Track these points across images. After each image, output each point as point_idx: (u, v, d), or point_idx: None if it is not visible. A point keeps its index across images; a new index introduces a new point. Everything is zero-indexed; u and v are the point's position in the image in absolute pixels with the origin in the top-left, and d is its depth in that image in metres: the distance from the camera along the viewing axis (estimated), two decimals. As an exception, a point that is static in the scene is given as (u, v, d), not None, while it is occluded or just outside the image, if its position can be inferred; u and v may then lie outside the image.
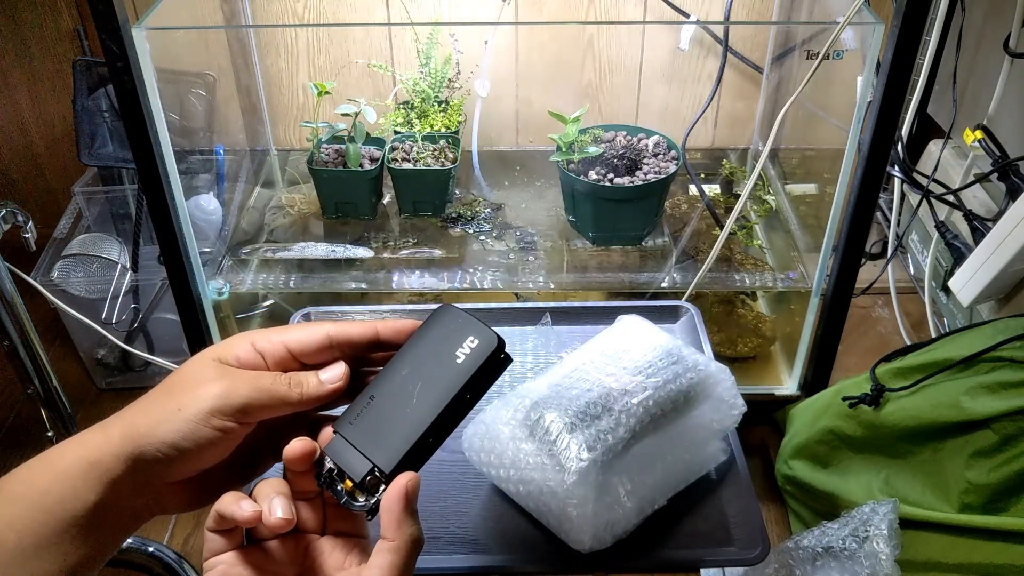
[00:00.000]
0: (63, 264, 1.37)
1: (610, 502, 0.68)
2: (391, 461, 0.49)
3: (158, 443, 0.47)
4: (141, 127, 1.03)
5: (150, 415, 0.48)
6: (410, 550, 0.47)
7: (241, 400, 0.48)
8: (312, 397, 0.50)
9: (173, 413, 0.47)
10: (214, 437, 0.47)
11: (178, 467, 0.47)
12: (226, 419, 0.47)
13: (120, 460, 0.47)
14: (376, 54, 1.46)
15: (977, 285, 1.16)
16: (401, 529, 0.47)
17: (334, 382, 0.50)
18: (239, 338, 0.52)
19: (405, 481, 0.47)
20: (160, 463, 0.47)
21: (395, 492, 0.47)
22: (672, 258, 1.31)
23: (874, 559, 0.98)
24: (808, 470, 1.19)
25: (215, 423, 0.47)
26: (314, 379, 0.50)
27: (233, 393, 0.48)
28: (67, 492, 0.46)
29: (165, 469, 0.47)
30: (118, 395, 1.53)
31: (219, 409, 0.47)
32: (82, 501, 0.46)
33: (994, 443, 0.96)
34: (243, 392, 0.48)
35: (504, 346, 0.51)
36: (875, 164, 1.07)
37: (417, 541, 0.47)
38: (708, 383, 0.75)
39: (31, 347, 1.01)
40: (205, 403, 0.47)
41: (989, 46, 1.30)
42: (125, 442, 0.47)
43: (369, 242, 1.34)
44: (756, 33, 1.46)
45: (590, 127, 1.33)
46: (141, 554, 1.21)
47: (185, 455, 0.47)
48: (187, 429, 0.47)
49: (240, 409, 0.48)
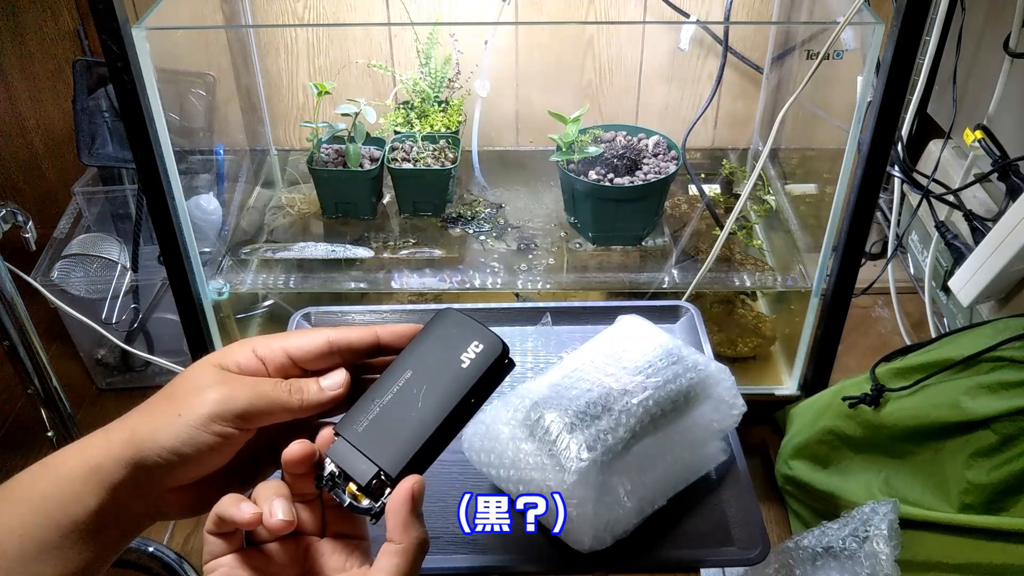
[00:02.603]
0: (63, 264, 1.37)
1: (610, 502, 0.68)
2: (397, 464, 0.48)
3: (159, 448, 0.47)
4: (141, 127, 1.03)
5: (151, 420, 0.48)
6: (416, 553, 0.47)
7: (241, 406, 0.48)
8: (312, 404, 0.50)
9: (173, 418, 0.47)
10: (214, 443, 0.47)
11: (178, 472, 0.48)
12: (226, 425, 0.47)
13: (121, 465, 0.47)
14: (376, 54, 1.46)
15: (977, 285, 1.16)
16: (408, 532, 0.47)
17: (334, 389, 0.50)
18: (240, 344, 0.52)
19: (411, 484, 0.47)
20: (160, 468, 0.47)
21: (401, 495, 0.47)
22: (672, 258, 1.31)
23: (874, 559, 0.98)
24: (808, 470, 1.19)
25: (215, 429, 0.47)
26: (315, 386, 0.50)
27: (233, 399, 0.48)
28: (68, 497, 0.46)
29: (165, 474, 0.47)
30: (118, 395, 1.53)
31: (219, 415, 0.47)
32: (83, 506, 0.46)
33: (994, 443, 0.96)
34: (243, 398, 0.48)
35: (508, 351, 0.51)
36: (875, 164, 1.07)
37: (423, 543, 0.47)
38: (708, 383, 0.75)
39: (31, 347, 1.01)
40: (205, 408, 0.47)
41: (989, 46, 1.30)
42: (126, 447, 0.47)
43: (369, 242, 1.34)
44: (756, 33, 1.46)
45: (590, 127, 1.33)
46: (141, 554, 1.21)
47: (185, 460, 0.47)
48: (187, 434, 0.47)
49: (240, 415, 0.48)
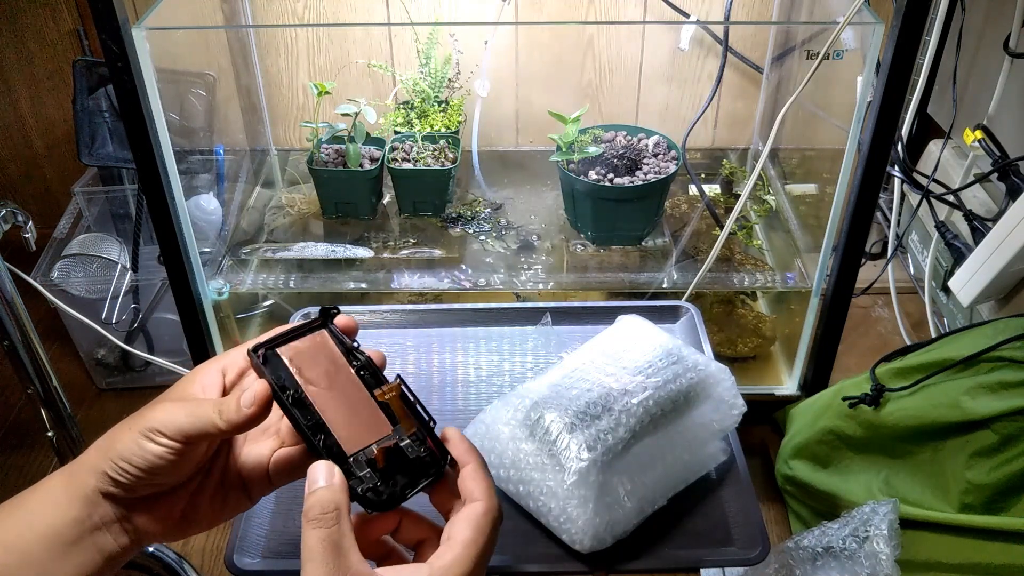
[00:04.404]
0: (63, 264, 1.37)
1: (610, 502, 0.68)
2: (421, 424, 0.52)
3: (116, 456, 0.49)
4: (141, 127, 1.03)
5: (116, 430, 0.50)
6: (489, 481, 0.50)
7: (177, 424, 0.49)
8: (233, 423, 0.49)
9: (128, 430, 0.49)
10: (161, 453, 0.48)
11: (136, 483, 0.49)
12: (169, 439, 0.48)
13: (92, 474, 0.49)
14: (376, 54, 1.46)
15: (977, 285, 1.16)
16: (474, 452, 0.51)
17: (248, 406, 0.50)
18: (224, 357, 0.55)
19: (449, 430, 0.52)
20: (120, 475, 0.49)
21: (451, 430, 0.52)
22: (672, 258, 1.31)
23: (874, 559, 0.98)
24: (808, 470, 1.19)
25: (161, 442, 0.48)
26: (234, 404, 0.50)
27: (175, 415, 0.49)
28: (48, 507, 0.48)
29: (125, 484, 0.49)
30: (118, 395, 1.53)
31: (158, 430, 0.48)
32: (61, 516, 0.48)
33: (994, 443, 0.96)
34: (182, 415, 0.49)
35: (330, 309, 0.55)
36: (875, 164, 1.07)
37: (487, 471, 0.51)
38: (708, 383, 0.75)
39: (31, 347, 1.01)
40: (150, 423, 0.49)
41: (989, 46, 1.30)
42: (96, 456, 0.49)
43: (369, 242, 1.34)
44: (756, 33, 1.46)
45: (590, 127, 1.33)
46: (141, 554, 1.21)
47: (139, 470, 0.48)
48: (135, 446, 0.48)
49: (179, 431, 0.49)
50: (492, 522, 0.48)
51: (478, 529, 0.47)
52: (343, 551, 0.45)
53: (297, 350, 0.54)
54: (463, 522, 0.47)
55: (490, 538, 0.48)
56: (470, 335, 0.96)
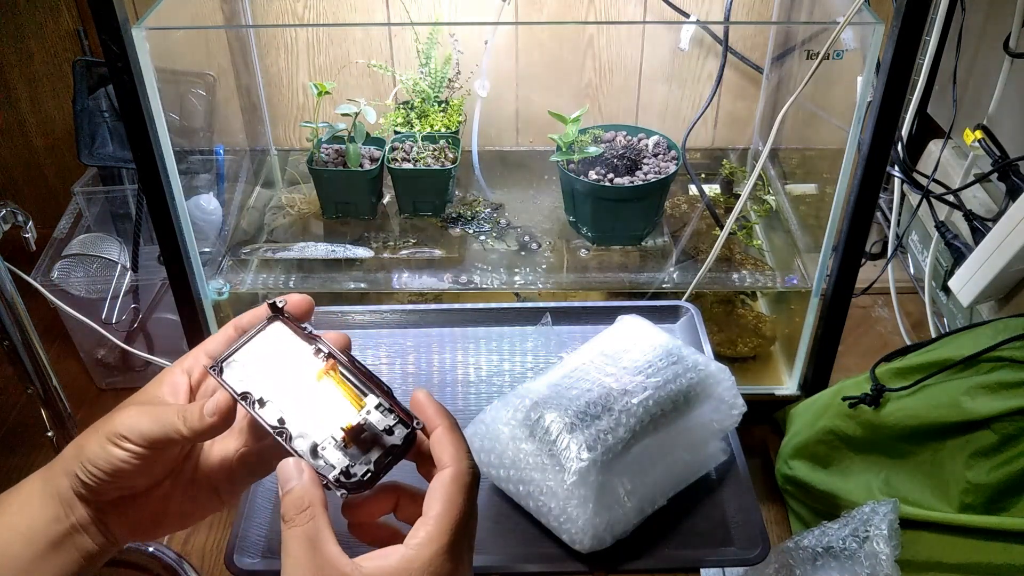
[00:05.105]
0: (63, 264, 1.37)
1: (610, 502, 0.68)
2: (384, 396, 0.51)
3: (84, 460, 0.49)
4: (141, 127, 1.03)
5: (86, 433, 0.50)
6: (464, 452, 0.48)
7: (141, 430, 0.49)
8: (196, 431, 0.49)
9: (95, 433, 0.49)
10: (125, 458, 0.49)
11: (103, 486, 0.49)
12: (133, 444, 0.49)
13: (66, 475, 0.50)
14: (376, 54, 1.46)
15: (977, 285, 1.16)
16: (444, 414, 0.49)
17: (212, 415, 0.50)
18: (187, 358, 0.55)
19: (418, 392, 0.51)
20: (88, 478, 0.49)
21: (419, 394, 0.50)
22: (672, 258, 1.31)
23: (874, 559, 0.98)
24: (808, 470, 1.19)
25: (125, 446, 0.48)
26: (198, 411, 0.50)
27: (139, 420, 0.49)
28: (28, 507, 0.49)
29: (92, 487, 0.49)
30: (118, 395, 1.52)
31: (123, 435, 0.49)
32: (40, 517, 0.49)
33: (994, 443, 0.96)
34: (145, 421, 0.49)
35: (275, 303, 0.54)
36: (875, 164, 1.07)
37: (459, 430, 0.50)
38: (708, 383, 0.75)
39: (31, 347, 1.01)
40: (116, 428, 0.49)
41: (989, 46, 1.30)
42: (69, 458, 0.50)
43: (369, 242, 1.34)
44: (756, 33, 1.46)
45: (590, 127, 1.33)
46: (141, 554, 1.21)
47: (106, 475, 0.49)
48: (100, 450, 0.49)
49: (141, 437, 0.49)
50: (463, 487, 0.46)
51: (447, 499, 0.46)
52: (318, 545, 0.44)
53: (254, 353, 0.53)
54: (433, 493, 0.47)
55: (464, 504, 0.46)
56: (470, 335, 0.96)
